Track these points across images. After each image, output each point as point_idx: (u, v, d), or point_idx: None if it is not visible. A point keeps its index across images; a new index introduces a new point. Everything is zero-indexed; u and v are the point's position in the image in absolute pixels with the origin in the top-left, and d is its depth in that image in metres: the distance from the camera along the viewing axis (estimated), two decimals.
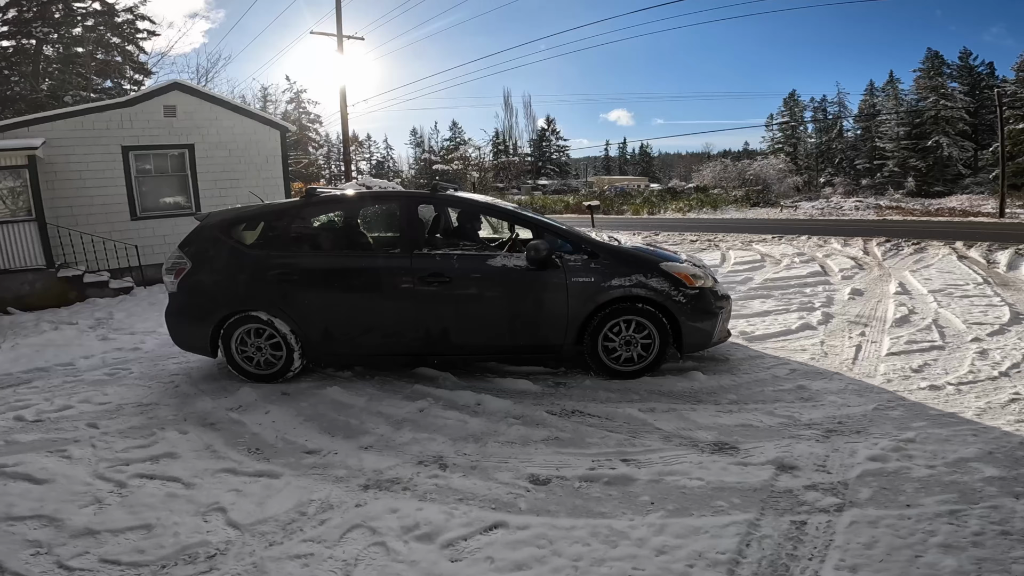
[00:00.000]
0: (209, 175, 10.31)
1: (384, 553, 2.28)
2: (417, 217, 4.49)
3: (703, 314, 4.23)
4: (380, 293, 4.28)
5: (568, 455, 3.12)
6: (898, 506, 2.44)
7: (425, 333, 4.27)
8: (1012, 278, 7.85)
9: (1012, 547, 2.12)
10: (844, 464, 2.84)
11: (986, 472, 2.67)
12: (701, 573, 2.11)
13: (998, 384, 3.84)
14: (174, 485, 2.84)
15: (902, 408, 3.50)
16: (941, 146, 44.10)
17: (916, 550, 2.15)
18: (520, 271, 4.18)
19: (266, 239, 4.49)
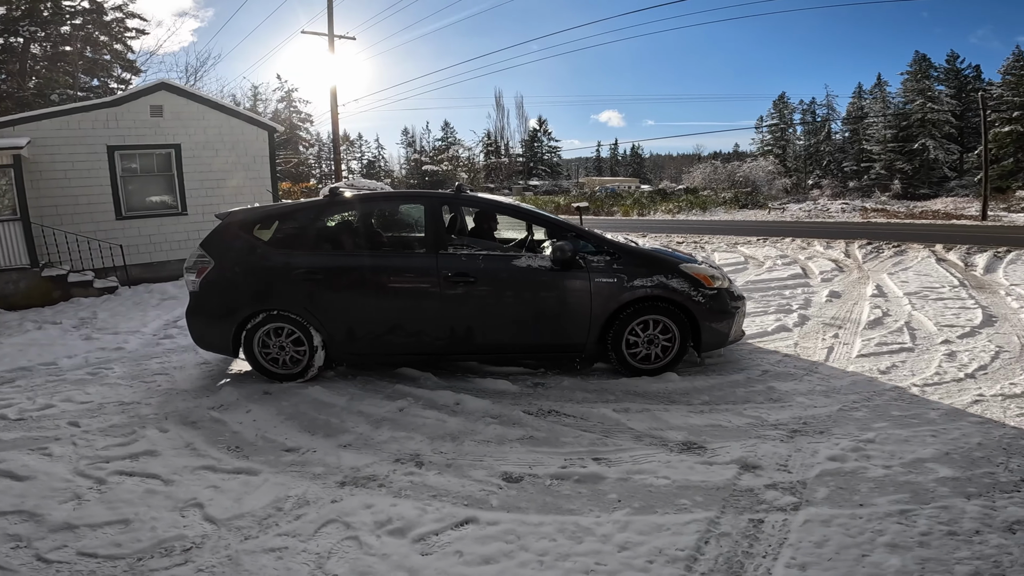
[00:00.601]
0: (196, 175, 10.32)
1: (357, 546, 2.36)
2: (442, 217, 4.58)
3: (720, 314, 4.36)
4: (405, 292, 4.33)
5: (542, 454, 3.21)
6: (851, 505, 2.54)
7: (450, 332, 4.33)
8: (988, 281, 8.03)
9: (957, 547, 2.20)
10: (805, 464, 2.95)
11: (941, 473, 2.77)
12: (660, 569, 2.20)
13: (963, 386, 3.97)
14: (153, 482, 2.90)
15: (866, 409, 3.62)
16: (927, 149, 44.66)
17: (864, 549, 2.23)
18: (545, 271, 4.27)
19: (290, 238, 4.51)
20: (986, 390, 3.86)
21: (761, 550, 2.28)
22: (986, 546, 2.19)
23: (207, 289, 4.42)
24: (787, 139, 59.89)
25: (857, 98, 55.37)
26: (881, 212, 24.49)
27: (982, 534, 2.27)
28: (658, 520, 2.52)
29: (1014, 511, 2.40)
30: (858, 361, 4.57)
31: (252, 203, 11.30)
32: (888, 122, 48.63)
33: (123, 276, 9.17)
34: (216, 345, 4.54)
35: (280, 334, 4.39)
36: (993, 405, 3.59)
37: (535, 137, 68.18)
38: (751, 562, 2.22)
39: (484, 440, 3.40)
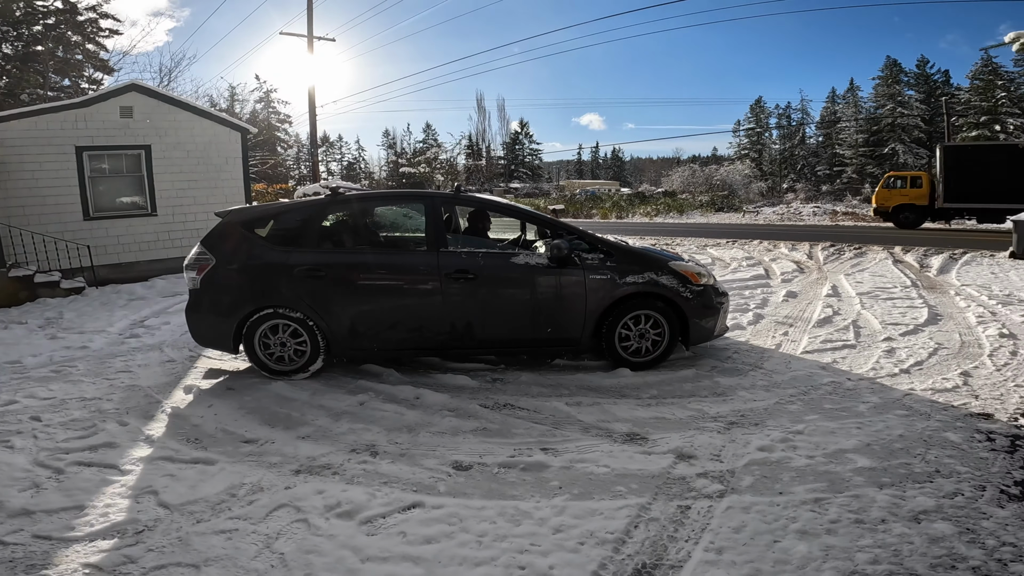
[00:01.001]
0: (166, 176, 10.29)
1: (306, 528, 2.49)
2: (441, 216, 4.72)
3: (707, 309, 4.62)
4: (406, 289, 4.47)
5: (493, 444, 3.36)
6: (772, 493, 2.71)
7: (450, 328, 4.47)
8: (940, 281, 8.40)
9: (862, 535, 2.36)
10: (736, 454, 3.13)
11: (859, 463, 2.96)
12: (589, 550, 2.34)
13: (896, 381, 4.22)
14: (110, 471, 3.00)
15: (802, 403, 3.84)
16: (897, 153, 45.92)
17: (776, 535, 2.38)
18: (542, 268, 4.45)
19: (291, 236, 4.61)
20: (917, 384, 4.10)
21: (685, 535, 2.44)
22: (889, 535, 2.34)
23: (208, 286, 4.48)
24: (763, 143, 61.00)
25: (831, 103, 56.62)
26: (850, 215, 25.17)
27: (887, 523, 2.43)
28: (593, 505, 2.67)
29: (922, 501, 2.57)
30: (802, 357, 4.81)
31: (224, 204, 11.31)
32: (860, 126, 49.85)
33: (90, 277, 9.11)
34: (216, 342, 4.60)
35: (281, 331, 4.47)
36: (922, 399, 3.83)
37: (516, 140, 68.41)
38: (674, 546, 2.37)
39: (439, 432, 3.54)
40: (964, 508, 2.51)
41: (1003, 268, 9.32)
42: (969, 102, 43.27)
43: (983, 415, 3.54)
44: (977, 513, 2.47)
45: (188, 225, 10.75)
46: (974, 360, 4.64)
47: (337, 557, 2.29)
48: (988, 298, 6.99)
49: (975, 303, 6.72)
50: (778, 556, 2.26)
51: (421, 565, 2.25)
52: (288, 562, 2.26)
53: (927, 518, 2.45)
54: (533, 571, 2.20)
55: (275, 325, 4.46)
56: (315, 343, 4.46)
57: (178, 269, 10.62)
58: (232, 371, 4.81)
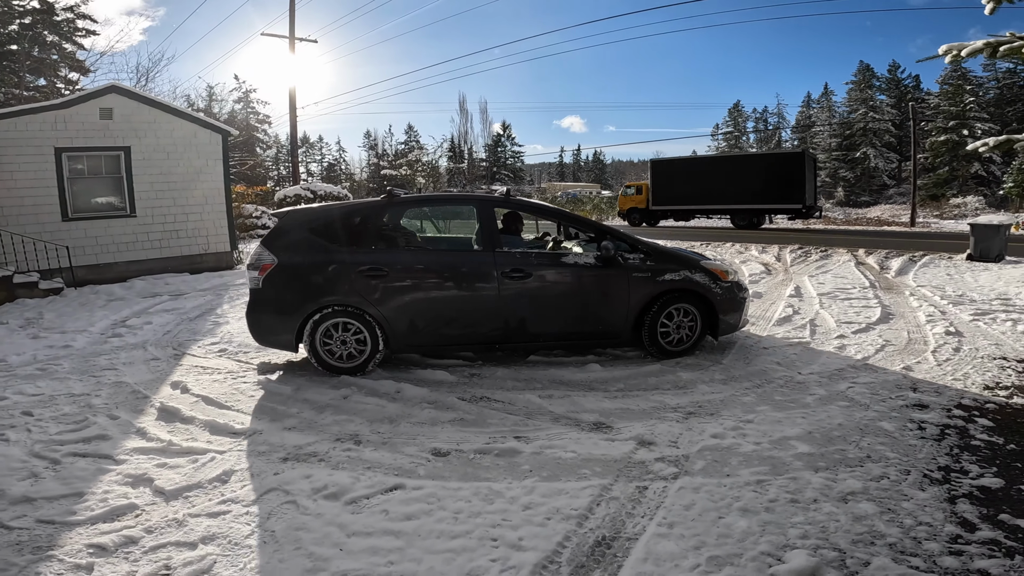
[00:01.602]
0: (146, 177, 10.33)
1: (295, 508, 2.71)
2: (495, 218, 5.01)
3: (734, 303, 5.05)
4: (464, 287, 4.73)
5: (469, 433, 3.60)
6: (720, 476, 2.99)
7: (504, 323, 4.75)
8: (897, 282, 8.87)
9: (795, 513, 2.63)
10: (692, 441, 3.41)
11: (800, 449, 3.25)
12: (555, 524, 2.59)
13: (843, 375, 4.56)
14: (104, 461, 3.17)
15: (755, 395, 4.15)
16: (868, 157, 47.14)
17: (721, 512, 2.66)
18: (589, 267, 4.81)
19: (351, 236, 4.79)
20: (862, 378, 4.45)
21: (641, 511, 2.70)
22: (819, 513, 2.61)
23: (270, 286, 4.61)
24: (741, 147, 62.17)
25: (806, 107, 57.89)
26: (821, 219, 25.92)
27: (819, 502, 2.70)
28: (560, 486, 2.93)
29: (851, 483, 2.85)
30: (760, 353, 5.14)
31: (204, 206, 11.36)
32: (833, 131, 51.07)
33: (69, 278, 9.12)
34: (278, 340, 4.73)
35: (343, 329, 4.64)
36: (864, 391, 4.17)
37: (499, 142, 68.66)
38: (631, 520, 2.63)
39: (419, 422, 3.78)
40: (888, 490, 2.80)
41: (959, 270, 9.85)
42: (938, 107, 44.44)
43: (918, 406, 3.89)
44: (899, 495, 2.76)
45: (167, 227, 10.80)
46: (918, 356, 5.02)
47: (324, 533, 2.51)
48: (940, 298, 7.44)
49: (927, 303, 7.16)
50: (721, 530, 2.52)
51: (402, 538, 2.48)
52: (279, 538, 2.48)
53: (854, 499, 2.73)
54: (504, 542, 2.45)
55: (336, 323, 4.62)
56: (375, 340, 4.64)
57: (157, 270, 10.70)
58: (217, 368, 4.98)
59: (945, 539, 2.40)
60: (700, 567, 2.28)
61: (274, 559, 2.33)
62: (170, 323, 6.88)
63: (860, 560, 2.28)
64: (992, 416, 3.69)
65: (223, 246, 11.63)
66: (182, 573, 2.24)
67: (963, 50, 4.61)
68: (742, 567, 2.27)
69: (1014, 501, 2.68)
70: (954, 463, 3.08)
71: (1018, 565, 2.21)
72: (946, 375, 4.51)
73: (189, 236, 11.08)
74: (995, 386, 4.25)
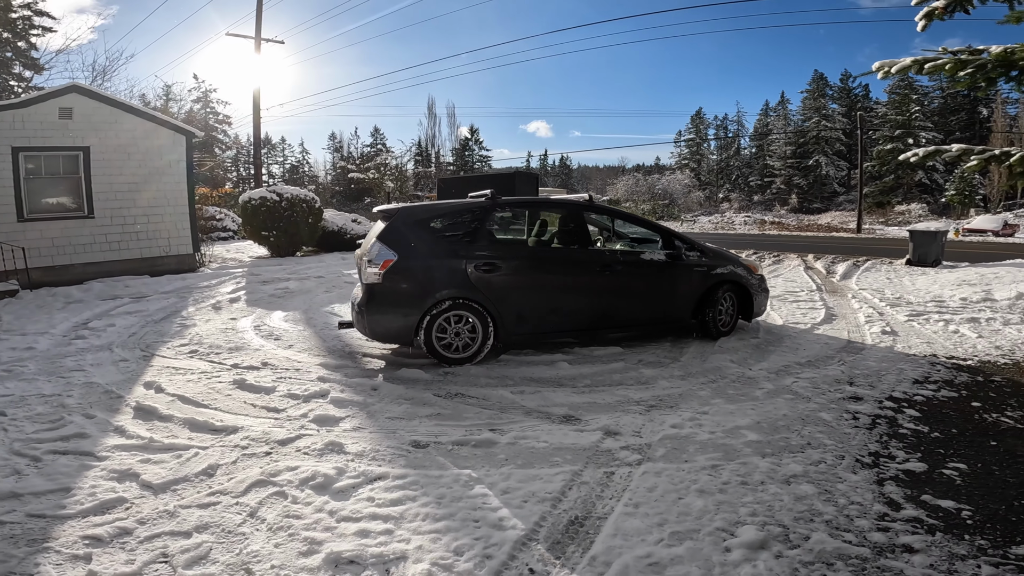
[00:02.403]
0: (104, 178, 10.11)
1: (283, 498, 2.85)
2: (585, 220, 5.63)
3: (763, 292, 6.23)
4: (566, 280, 5.35)
5: (447, 426, 3.79)
6: (679, 461, 3.27)
7: (597, 311, 5.43)
8: (842, 286, 9.48)
9: (746, 494, 2.92)
10: (653, 431, 3.69)
11: (749, 437, 3.57)
12: (532, 506, 2.81)
13: (789, 371, 4.94)
14: (87, 458, 3.22)
15: (710, 389, 4.48)
16: (820, 165, 49.22)
17: (680, 493, 2.92)
18: (662, 263, 5.68)
19: (463, 233, 5.14)
20: (805, 374, 4.84)
21: (609, 494, 2.95)
22: (766, 493, 2.91)
23: (391, 281, 4.83)
24: (702, 154, 63.95)
25: (764, 115, 60.01)
26: (776, 225, 27.15)
27: (766, 484, 3.00)
28: (535, 472, 3.15)
29: (794, 467, 3.16)
30: (715, 352, 5.50)
31: (166, 207, 11.17)
32: (788, 139, 53.13)
33: (24, 279, 8.85)
34: (395, 334, 4.95)
35: (456, 320, 4.96)
36: (806, 386, 4.54)
37: (466, 146, 68.76)
38: (601, 502, 2.88)
39: (397, 417, 3.94)
40: (825, 474, 3.12)
41: (899, 274, 10.57)
42: (886, 116, 46.57)
43: (854, 398, 4.28)
44: (835, 478, 3.08)
45: (127, 228, 10.58)
46: (857, 354, 5.47)
47: (315, 519, 2.67)
48: (880, 301, 8.03)
49: (867, 305, 7.72)
50: (681, 509, 2.79)
51: (389, 521, 2.66)
52: (272, 526, 2.62)
53: (796, 481, 3.04)
54: (486, 522, 2.66)
55: (451, 316, 4.94)
56: (486, 330, 5.01)
57: (116, 272, 10.46)
58: (189, 369, 5.02)
59: (874, 517, 2.71)
60: (663, 541, 2.53)
61: (269, 544, 2.48)
62: (134, 325, 6.81)
63: (801, 535, 2.57)
64: (920, 407, 4.10)
65: (185, 248, 11.44)
66: (180, 560, 2.36)
67: (894, 67, 4.96)
68: (700, 541, 2.54)
69: (936, 483, 3.02)
70: (883, 449, 3.44)
71: (938, 540, 2.52)
72: (880, 371, 4.94)
73: (149, 238, 10.87)
74: (924, 380, 4.70)
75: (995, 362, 5.21)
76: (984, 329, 6.37)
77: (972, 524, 2.64)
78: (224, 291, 9.01)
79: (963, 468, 3.18)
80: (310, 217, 14.00)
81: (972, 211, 35.29)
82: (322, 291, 9.05)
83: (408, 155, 47.82)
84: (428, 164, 56.19)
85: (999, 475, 3.11)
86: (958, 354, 5.47)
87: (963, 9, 4.84)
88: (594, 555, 2.43)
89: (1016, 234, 26.12)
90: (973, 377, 4.78)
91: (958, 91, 45.19)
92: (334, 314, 7.30)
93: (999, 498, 2.87)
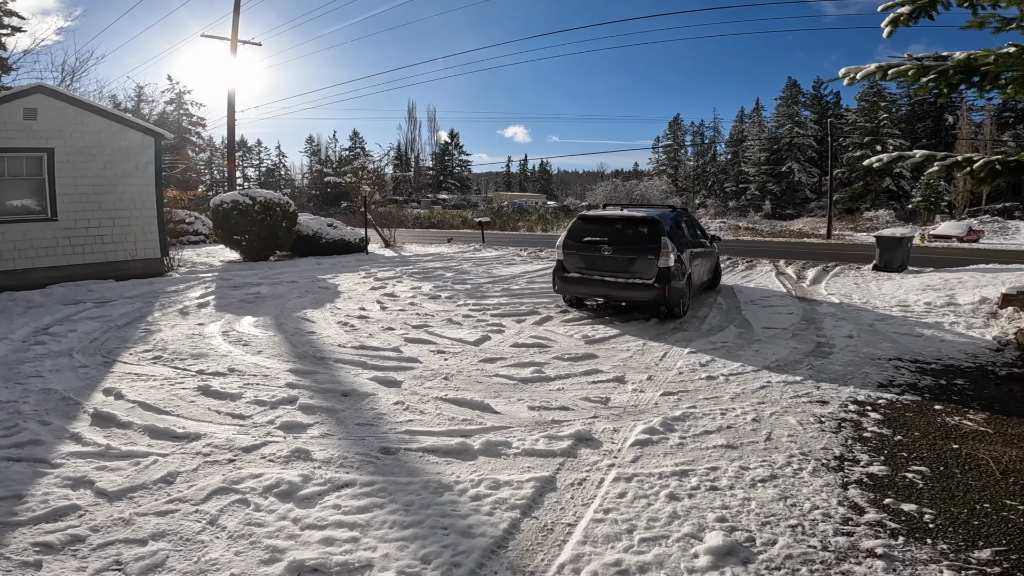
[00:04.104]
0: (69, 180, 9.81)
1: (246, 506, 2.78)
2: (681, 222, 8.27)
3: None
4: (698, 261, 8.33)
5: (417, 434, 3.75)
6: (649, 467, 3.29)
7: (705, 273, 8.99)
8: (811, 290, 9.68)
9: (714, 499, 2.96)
10: (625, 436, 3.70)
11: (718, 441, 3.62)
12: (502, 513, 2.80)
13: (758, 375, 5.01)
14: (40, 465, 3.12)
15: (681, 394, 4.52)
16: (793, 172, 50.25)
17: (650, 499, 2.92)
18: (708, 249, 9.07)
19: (687, 229, 8.41)
20: (773, 378, 4.91)
21: (580, 499, 2.96)
22: (734, 499, 2.94)
23: (677, 264, 7.27)
24: (679, 160, 64.78)
25: (739, 121, 61.05)
26: (750, 231, 27.63)
27: (734, 488, 3.04)
28: (506, 478, 3.14)
29: (759, 472, 3.21)
30: (687, 357, 5.56)
31: (132, 211, 10.89)
32: (763, 145, 54.08)
33: None
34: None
35: None
36: (774, 390, 4.61)
37: (446, 151, 68.61)
38: (571, 508, 2.88)
39: (366, 423, 3.89)
40: (791, 478, 3.17)
41: (866, 279, 10.84)
42: (855, 123, 47.63)
43: (820, 402, 4.36)
44: (800, 482, 3.12)
45: (91, 231, 10.28)
46: (824, 358, 5.58)
47: (278, 527, 2.62)
48: (848, 305, 8.20)
49: (837, 309, 7.89)
50: (650, 515, 2.80)
51: (356, 529, 2.62)
52: (232, 533, 2.56)
53: (763, 485, 3.08)
54: (454, 529, 2.64)
55: None
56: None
57: (79, 276, 10.18)
58: (152, 375, 4.89)
59: (838, 521, 2.75)
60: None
61: (228, 552, 2.42)
62: (96, 330, 6.61)
63: (767, 540, 2.60)
64: (883, 411, 4.19)
65: (152, 252, 11.16)
66: (134, 568, 2.29)
67: (859, 73, 5.07)
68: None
69: (898, 487, 3.09)
70: (848, 453, 3.50)
71: (900, 544, 2.57)
72: (846, 375, 5.05)
73: (115, 241, 10.57)
74: (889, 384, 4.81)
75: (959, 366, 5.36)
76: (948, 333, 6.56)
77: (934, 528, 2.70)
78: (192, 296, 8.82)
79: (925, 472, 3.26)
80: (284, 221, 13.80)
81: (938, 217, 36.42)
82: (295, 296, 8.91)
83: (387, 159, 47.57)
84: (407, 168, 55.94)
85: (960, 479, 3.19)
86: (922, 357, 5.61)
87: (928, 15, 4.93)
88: None
89: (980, 240, 27.05)
90: (936, 380, 4.91)
91: (925, 98, 46.37)
92: (307, 319, 7.19)
93: (960, 502, 2.94)
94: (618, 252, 7.13)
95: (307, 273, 11.54)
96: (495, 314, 7.54)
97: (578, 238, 7.43)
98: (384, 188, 19.39)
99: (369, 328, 6.75)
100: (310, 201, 49.31)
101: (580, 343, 6.08)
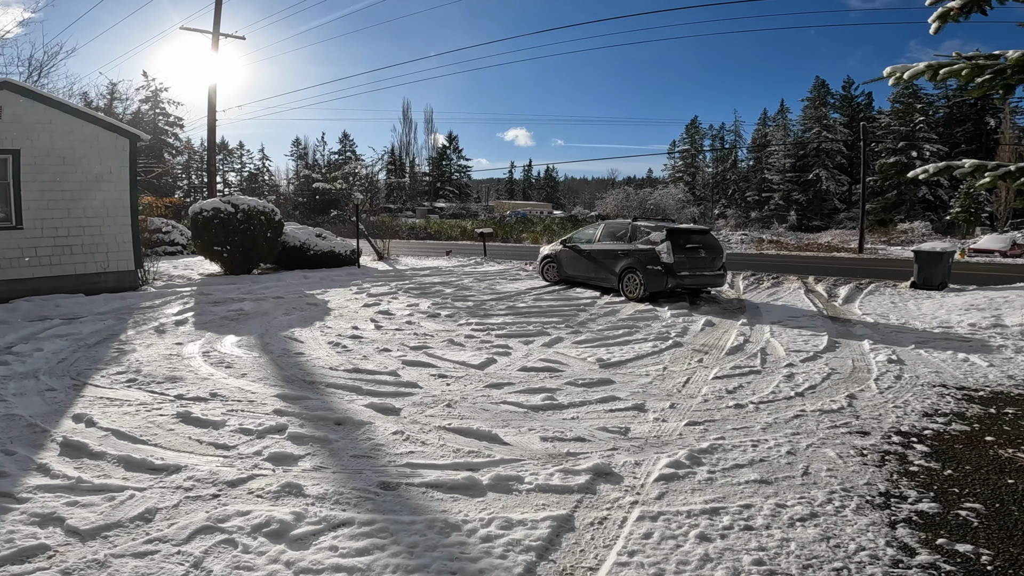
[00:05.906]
0: (36, 184, 9.87)
1: (233, 547, 2.75)
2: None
3: None
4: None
5: (419, 467, 3.72)
6: (677, 504, 3.26)
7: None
8: (844, 310, 9.67)
9: (750, 540, 2.94)
10: (648, 470, 3.68)
11: (751, 476, 3.59)
12: (516, 556, 2.77)
13: (791, 403, 4.99)
14: (5, 500, 3.08)
15: (708, 423, 4.50)
16: (820, 179, 49.95)
17: (679, 540, 2.91)
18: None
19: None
20: (808, 406, 4.89)
21: (601, 541, 2.92)
22: (771, 539, 2.91)
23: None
24: (697, 166, 64.83)
25: (762, 125, 60.99)
26: (775, 244, 27.69)
27: (770, 528, 3.01)
28: (519, 517, 3.11)
29: (798, 510, 3.18)
30: (712, 383, 5.54)
31: (105, 218, 10.91)
32: (788, 151, 53.81)
33: None
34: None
35: None
36: (810, 419, 4.59)
37: (444, 155, 68.83)
38: (592, 551, 2.84)
39: (362, 455, 3.86)
40: (833, 516, 3.14)
41: (903, 298, 10.84)
42: (889, 126, 47.24)
43: (860, 432, 4.34)
44: (843, 520, 3.09)
45: (59, 241, 10.32)
46: (861, 384, 5.55)
47: (270, 571, 2.58)
48: (884, 326, 8.19)
49: (872, 331, 7.87)
50: (680, 558, 2.76)
51: (356, 574, 2.58)
52: None
53: (802, 524, 3.05)
54: (463, 574, 2.60)
55: None
56: None
57: (46, 290, 10.20)
58: (127, 400, 4.86)
59: (887, 564, 2.73)
60: None
61: None
62: (65, 350, 6.60)
63: None
64: (930, 443, 4.17)
65: (126, 264, 11.19)
66: None
67: (906, 72, 4.99)
68: None
69: (951, 526, 3.06)
70: (894, 488, 3.48)
71: None
72: (887, 403, 5.02)
73: (85, 252, 10.61)
74: (934, 413, 4.78)
75: (1008, 393, 5.33)
76: (995, 357, 6.53)
77: (992, 570, 2.66)
78: (169, 312, 8.82)
79: (980, 509, 3.23)
80: (269, 231, 13.86)
81: (978, 229, 36.37)
82: (281, 313, 8.91)
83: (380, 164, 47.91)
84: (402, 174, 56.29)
85: (1018, 517, 3.15)
86: (968, 384, 5.58)
87: (980, 10, 4.87)
88: None
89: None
90: (985, 409, 4.88)
91: (964, 100, 46.00)
92: (295, 339, 7.18)
93: (1020, 542, 2.91)
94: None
95: (294, 288, 11.55)
96: (500, 335, 7.53)
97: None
98: (377, 195, 19.48)
99: (363, 349, 6.74)
100: (296, 209, 49.55)
101: (594, 367, 6.07)
